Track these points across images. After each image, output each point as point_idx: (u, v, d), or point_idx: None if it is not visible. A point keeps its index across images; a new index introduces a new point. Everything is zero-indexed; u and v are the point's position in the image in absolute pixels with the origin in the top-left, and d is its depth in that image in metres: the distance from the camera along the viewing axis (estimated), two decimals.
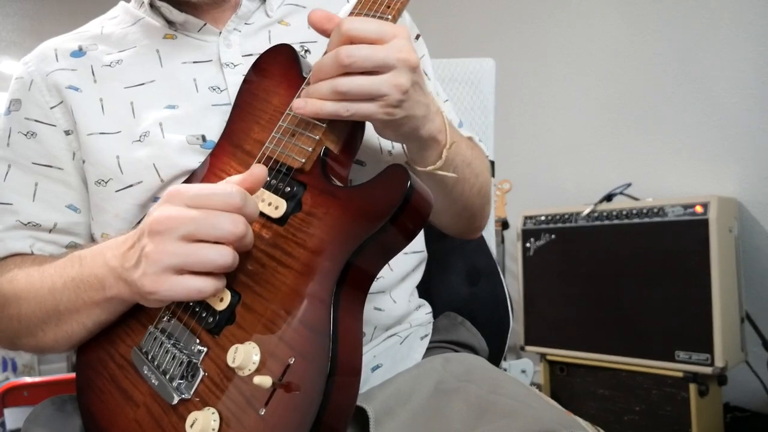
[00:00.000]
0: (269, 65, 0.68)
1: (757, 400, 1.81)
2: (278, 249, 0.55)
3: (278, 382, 0.48)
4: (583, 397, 1.88)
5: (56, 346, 0.66)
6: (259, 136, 0.64)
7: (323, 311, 0.49)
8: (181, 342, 0.56)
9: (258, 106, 0.66)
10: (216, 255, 0.51)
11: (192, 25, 0.74)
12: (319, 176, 0.57)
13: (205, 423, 0.50)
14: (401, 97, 0.55)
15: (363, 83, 0.53)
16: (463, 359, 0.69)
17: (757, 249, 1.86)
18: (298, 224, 0.55)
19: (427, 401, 0.60)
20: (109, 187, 0.69)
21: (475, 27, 2.66)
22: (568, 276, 1.92)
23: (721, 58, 1.94)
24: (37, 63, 0.74)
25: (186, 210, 0.51)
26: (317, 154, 0.58)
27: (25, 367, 2.81)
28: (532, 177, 2.39)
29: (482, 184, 0.75)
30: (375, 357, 0.69)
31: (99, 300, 0.59)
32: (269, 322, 0.52)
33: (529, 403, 0.57)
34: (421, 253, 0.79)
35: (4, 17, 3.20)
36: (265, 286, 0.54)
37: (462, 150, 0.68)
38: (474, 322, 0.85)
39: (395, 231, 0.52)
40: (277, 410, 0.48)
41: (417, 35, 0.84)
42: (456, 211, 0.74)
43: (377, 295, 0.70)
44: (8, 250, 0.71)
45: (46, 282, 0.63)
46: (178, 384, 0.54)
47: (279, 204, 0.57)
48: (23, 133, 0.72)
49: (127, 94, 0.71)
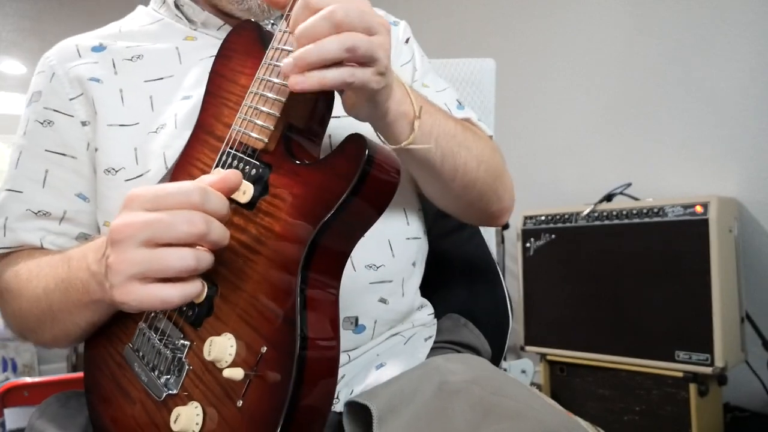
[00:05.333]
0: (234, 44, 0.65)
1: (757, 400, 1.81)
2: (248, 235, 0.53)
3: (252, 373, 0.47)
4: (583, 397, 1.88)
5: (55, 342, 0.67)
6: (228, 120, 0.60)
7: (290, 297, 0.48)
8: (166, 337, 0.56)
9: (226, 88, 0.63)
10: (175, 259, 0.48)
11: (211, 24, 0.75)
12: (283, 155, 0.54)
13: (188, 418, 0.50)
14: (387, 62, 0.52)
15: (366, 40, 0.49)
16: (467, 360, 0.70)
17: (757, 249, 1.86)
18: (266, 208, 0.53)
19: (431, 401, 0.60)
20: (118, 176, 0.69)
21: (475, 27, 2.66)
22: (568, 276, 1.92)
23: (721, 58, 1.94)
24: (59, 58, 0.75)
25: (142, 214, 0.49)
26: (280, 132, 0.55)
27: (25, 367, 2.81)
28: (532, 177, 2.39)
29: (481, 156, 0.70)
30: (378, 356, 0.69)
31: (86, 302, 0.59)
32: (243, 312, 0.51)
33: (532, 405, 0.57)
34: (420, 240, 0.77)
35: (4, 17, 3.20)
36: (239, 275, 0.52)
37: (441, 122, 0.65)
38: (474, 322, 0.85)
39: (360, 203, 0.49)
40: (254, 401, 0.47)
41: (407, 39, 0.84)
42: (457, 192, 0.71)
43: (384, 284, 0.70)
44: (19, 241, 0.72)
45: (41, 281, 0.64)
46: (165, 380, 0.54)
47: (246, 188, 0.54)
48: (40, 121, 0.73)
49: (147, 88, 0.72)
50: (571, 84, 2.35)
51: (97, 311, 0.60)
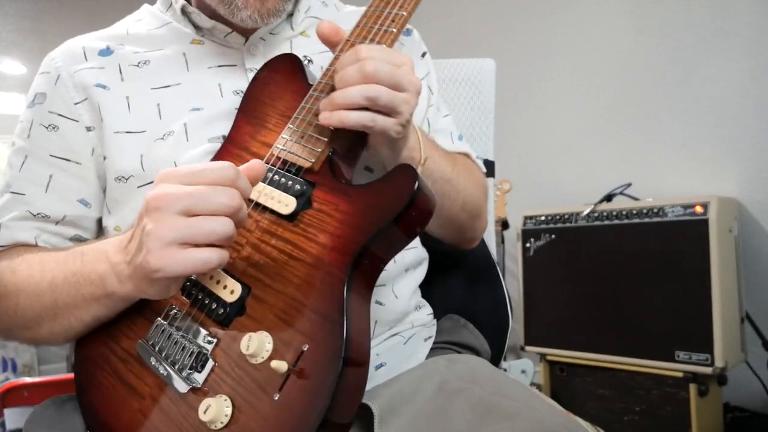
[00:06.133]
0: (274, 72, 0.73)
1: (757, 400, 1.81)
2: (289, 244, 0.58)
3: (292, 368, 0.50)
4: (583, 397, 1.88)
5: (52, 339, 0.67)
6: (266, 139, 0.67)
7: (336, 300, 0.52)
8: (189, 333, 0.58)
9: (263, 111, 0.70)
10: (217, 224, 0.51)
11: (219, 31, 0.75)
12: (328, 175, 0.61)
13: (218, 409, 0.52)
14: (409, 117, 0.59)
15: (388, 94, 0.57)
16: (467, 361, 0.70)
17: (757, 249, 1.86)
18: (309, 220, 0.59)
19: (431, 401, 0.61)
20: (130, 183, 0.70)
21: (475, 27, 2.66)
22: (568, 276, 1.92)
23: (721, 58, 1.94)
24: (65, 59, 0.74)
25: (181, 186, 0.52)
26: (326, 155, 0.62)
27: (25, 367, 2.81)
28: (532, 177, 2.39)
29: (466, 199, 0.76)
30: (378, 355, 0.70)
31: (99, 296, 0.59)
32: (281, 312, 0.54)
33: (532, 405, 0.57)
34: (419, 249, 0.80)
35: (4, 17, 3.20)
36: (276, 279, 0.56)
37: (440, 166, 0.71)
38: (474, 322, 0.86)
39: (401, 227, 0.56)
40: (291, 395, 0.50)
41: (424, 53, 0.87)
42: (439, 224, 0.76)
43: (379, 288, 0.71)
44: (13, 239, 0.72)
45: (46, 276, 0.64)
46: (188, 374, 0.56)
47: (289, 202, 0.60)
48: (45, 125, 0.73)
49: (154, 95, 0.72)
50: (571, 84, 2.35)
51: (107, 305, 0.61)
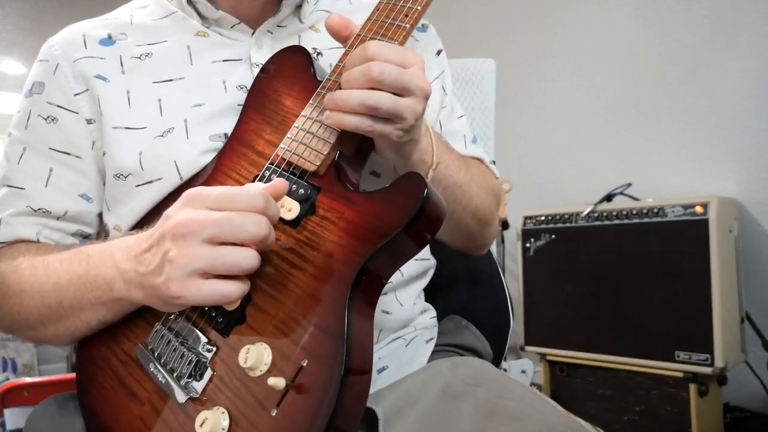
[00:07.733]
0: (282, 66, 0.68)
1: (757, 400, 1.81)
2: (291, 252, 0.55)
3: (290, 384, 0.48)
4: (583, 398, 1.88)
5: (56, 340, 0.65)
6: (271, 138, 0.64)
7: (338, 315, 0.49)
8: (189, 341, 0.56)
9: (270, 107, 0.66)
10: (242, 257, 0.50)
11: (225, 22, 0.73)
12: (333, 180, 0.58)
13: (215, 423, 0.50)
14: (414, 122, 0.57)
15: (390, 102, 0.55)
16: (470, 363, 0.70)
17: (757, 249, 1.86)
18: (312, 227, 0.56)
19: (436, 404, 0.60)
20: (128, 181, 0.68)
21: (475, 27, 2.66)
22: (568, 276, 1.92)
23: (721, 58, 1.94)
24: (64, 47, 0.72)
25: (209, 213, 0.51)
26: (332, 158, 0.58)
27: (25, 367, 2.81)
28: (532, 177, 2.39)
29: (477, 206, 0.73)
30: (380, 359, 0.69)
31: (106, 300, 0.58)
32: (281, 323, 0.52)
33: (536, 407, 0.57)
34: (429, 261, 0.79)
35: (4, 17, 3.20)
36: (277, 288, 0.54)
37: (452, 171, 0.68)
38: (475, 322, 0.86)
39: (409, 238, 0.53)
40: (289, 411, 0.48)
41: (439, 51, 0.83)
42: (449, 231, 0.74)
43: (383, 297, 0.70)
44: (14, 235, 0.70)
45: (51, 276, 0.62)
46: (186, 383, 0.54)
47: (292, 206, 0.57)
48: (43, 117, 0.71)
49: (156, 89, 0.70)
50: (571, 84, 2.35)
51: (114, 309, 0.60)
